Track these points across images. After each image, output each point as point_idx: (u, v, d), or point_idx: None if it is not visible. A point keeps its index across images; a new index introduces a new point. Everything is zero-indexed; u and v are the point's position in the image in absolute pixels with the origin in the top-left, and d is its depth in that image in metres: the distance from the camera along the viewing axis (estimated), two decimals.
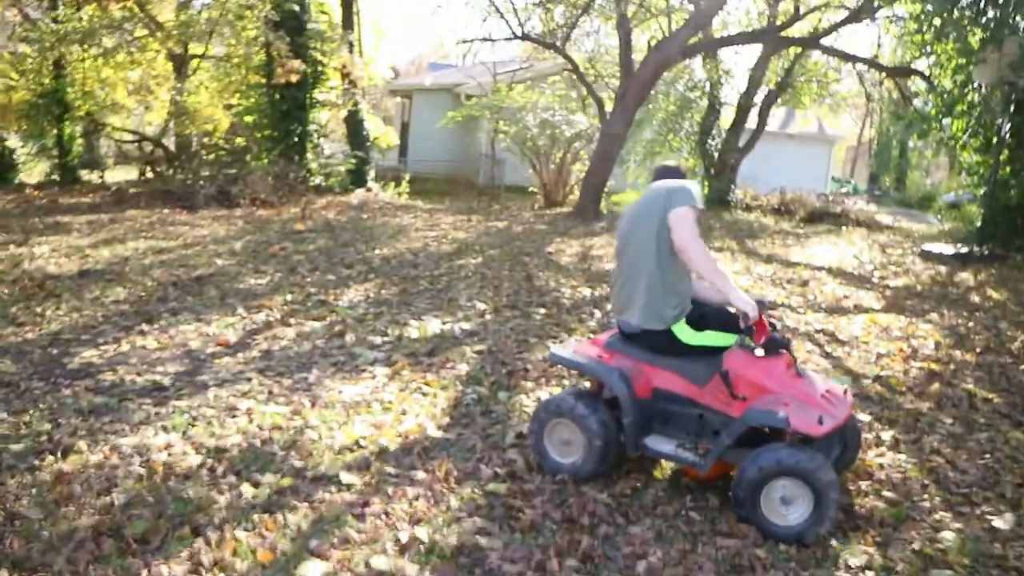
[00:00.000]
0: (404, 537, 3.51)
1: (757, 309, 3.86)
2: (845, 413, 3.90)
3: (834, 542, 3.70)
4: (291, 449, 4.38)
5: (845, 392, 4.13)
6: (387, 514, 3.73)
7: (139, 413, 4.77)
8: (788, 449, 3.68)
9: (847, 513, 4.01)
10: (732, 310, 4.06)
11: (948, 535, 3.84)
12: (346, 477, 4.07)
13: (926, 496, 4.29)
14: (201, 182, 15.91)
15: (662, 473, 4.37)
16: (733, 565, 3.46)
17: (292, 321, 7.04)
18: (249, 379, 5.53)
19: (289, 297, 7.86)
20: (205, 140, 18.44)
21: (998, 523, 4.02)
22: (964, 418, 5.55)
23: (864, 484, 4.36)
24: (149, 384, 5.33)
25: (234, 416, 4.82)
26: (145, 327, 6.68)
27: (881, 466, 4.62)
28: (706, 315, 4.19)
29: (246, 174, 15.84)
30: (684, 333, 4.09)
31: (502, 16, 16.10)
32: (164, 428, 4.58)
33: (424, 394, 5.39)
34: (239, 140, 17.52)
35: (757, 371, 3.92)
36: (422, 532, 3.57)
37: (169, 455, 4.20)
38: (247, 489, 3.87)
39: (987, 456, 4.91)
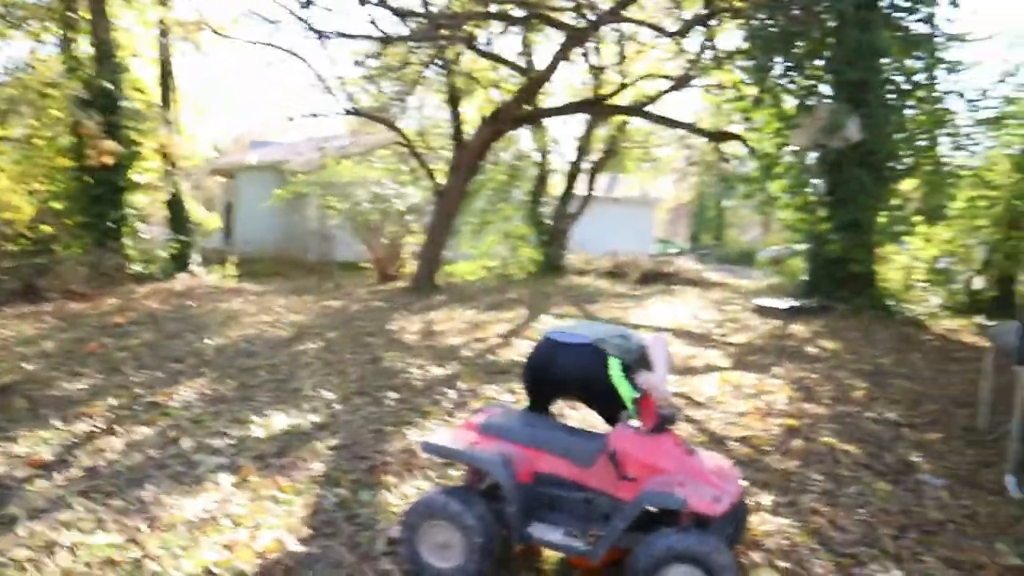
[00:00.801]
0: None
1: (661, 392, 3.78)
2: (737, 489, 3.74)
3: None
4: None
5: (732, 466, 3.99)
6: None
7: None
8: (679, 534, 3.46)
9: None
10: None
11: None
12: None
13: (817, 561, 4.21)
14: (3, 276, 14.56)
15: (549, 564, 4.06)
16: None
17: (119, 429, 6.30)
18: (71, 505, 4.81)
19: (114, 401, 7.08)
20: (6, 229, 16.97)
21: None
22: (831, 473, 5.57)
23: (756, 555, 4.22)
24: None
25: (53, 555, 4.13)
26: None
27: (768, 533, 4.51)
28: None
29: (55, 264, 14.63)
30: (616, 370, 4.04)
31: (330, 91, 15.76)
32: None
33: (278, 502, 4.86)
34: (45, 228, 16.22)
35: (647, 450, 3.72)
36: None
37: None
38: None
39: (861, 511, 4.92)
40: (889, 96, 12.30)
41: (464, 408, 6.89)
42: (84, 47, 16.02)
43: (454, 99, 15.77)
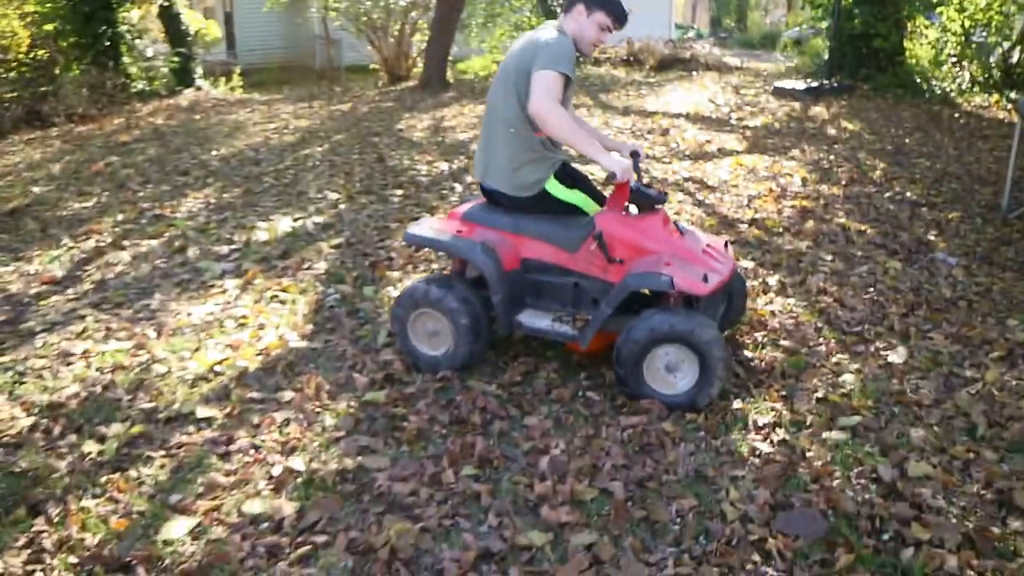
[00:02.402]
0: (278, 471, 3.11)
1: (628, 171, 3.47)
2: (729, 267, 3.62)
3: (739, 402, 3.52)
4: (138, 390, 3.84)
5: (726, 245, 3.87)
6: (256, 448, 3.30)
7: None
8: (662, 314, 3.39)
9: (747, 369, 3.85)
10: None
11: (848, 378, 3.74)
12: (204, 411, 3.59)
13: (821, 340, 4.19)
14: (5, 104, 14.31)
15: (553, 352, 4.07)
16: (642, 445, 3.22)
17: (126, 243, 6.29)
18: (83, 316, 4.86)
19: (120, 217, 7.05)
20: (2, 57, 16.47)
21: (892, 358, 3.97)
22: (843, 253, 5.50)
23: (759, 335, 4.21)
24: None
25: (69, 363, 4.20)
26: None
27: (773, 313, 4.49)
28: (578, 179, 3.85)
29: (57, 88, 14.33)
30: (555, 188, 3.74)
31: None
32: None
33: (282, 302, 4.88)
34: (41, 52, 15.74)
35: (633, 231, 3.60)
36: (297, 462, 3.17)
37: None
38: (91, 447, 3.34)
39: (871, 290, 4.87)
40: None
41: (472, 201, 6.80)
42: None
43: None
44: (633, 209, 3.69)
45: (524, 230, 3.78)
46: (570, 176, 3.83)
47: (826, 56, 13.11)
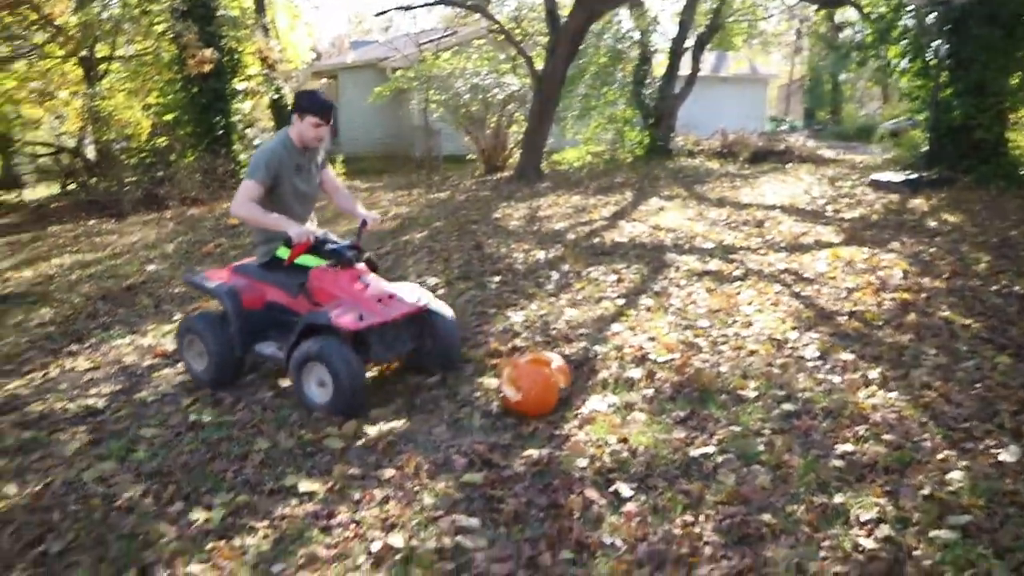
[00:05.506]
0: (377, 547, 3.17)
1: (302, 235, 4.47)
2: (397, 312, 4.51)
3: (840, 496, 3.44)
4: (244, 460, 3.98)
5: (418, 300, 4.73)
6: (356, 523, 3.37)
7: (72, 444, 4.31)
8: (312, 341, 4.40)
9: (850, 463, 3.75)
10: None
11: (956, 475, 3.60)
12: (306, 485, 3.69)
13: (926, 435, 4.05)
14: (126, 188, 15.24)
15: (650, 438, 4.06)
16: (741, 536, 3.17)
17: None
18: (191, 389, 5.10)
19: None
20: (126, 144, 17.59)
21: (1004, 456, 3.80)
22: (947, 347, 5.34)
23: (861, 429, 4.11)
24: (82, 410, 4.87)
25: (178, 433, 4.40)
26: (75, 348, 6.19)
27: (874, 407, 4.38)
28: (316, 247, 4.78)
29: (172, 174, 15.21)
30: (283, 253, 4.82)
31: None
32: (100, 457, 4.13)
33: (381, 384, 5.01)
34: (161, 140, 16.78)
35: (327, 282, 4.63)
36: (397, 539, 3.22)
37: (108, 487, 3.77)
38: (198, 514, 3.47)
39: (978, 385, 4.69)
40: None
41: (568, 289, 6.89)
42: None
43: None
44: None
45: (266, 279, 4.93)
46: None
47: (925, 148, 12.94)
